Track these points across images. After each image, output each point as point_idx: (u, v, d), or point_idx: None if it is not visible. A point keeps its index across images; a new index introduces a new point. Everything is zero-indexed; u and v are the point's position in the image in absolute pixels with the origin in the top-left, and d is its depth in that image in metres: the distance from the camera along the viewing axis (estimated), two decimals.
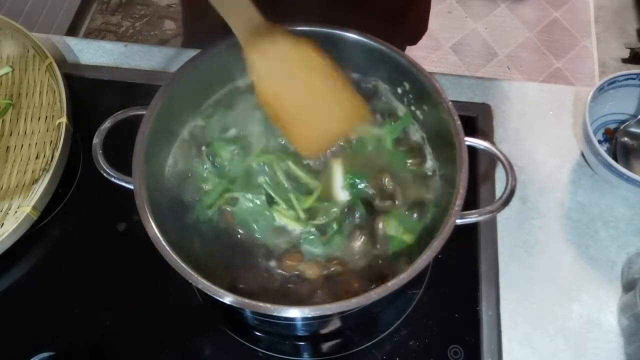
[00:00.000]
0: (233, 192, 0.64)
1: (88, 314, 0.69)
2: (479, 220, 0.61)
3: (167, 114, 0.65)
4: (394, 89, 0.73)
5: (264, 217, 0.63)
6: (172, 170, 0.67)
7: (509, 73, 2.21)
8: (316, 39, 0.71)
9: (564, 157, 0.81)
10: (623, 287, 0.71)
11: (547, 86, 0.89)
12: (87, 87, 0.87)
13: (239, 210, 0.64)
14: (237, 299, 0.51)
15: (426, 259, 0.53)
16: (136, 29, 2.37)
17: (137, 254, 0.67)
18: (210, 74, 0.71)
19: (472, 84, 0.88)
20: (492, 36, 2.29)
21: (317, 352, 0.68)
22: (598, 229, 0.75)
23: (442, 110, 0.63)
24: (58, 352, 0.66)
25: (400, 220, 0.63)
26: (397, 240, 0.63)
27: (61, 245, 0.75)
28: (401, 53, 0.67)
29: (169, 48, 0.93)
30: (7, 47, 0.87)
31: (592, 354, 0.67)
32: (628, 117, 0.81)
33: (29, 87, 0.83)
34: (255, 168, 0.66)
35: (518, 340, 0.68)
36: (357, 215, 0.64)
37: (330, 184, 0.66)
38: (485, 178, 0.78)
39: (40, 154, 0.77)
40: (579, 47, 2.28)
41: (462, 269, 0.72)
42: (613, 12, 2.38)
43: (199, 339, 0.68)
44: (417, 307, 0.70)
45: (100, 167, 0.62)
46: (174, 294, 0.70)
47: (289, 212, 0.64)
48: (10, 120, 0.81)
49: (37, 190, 0.71)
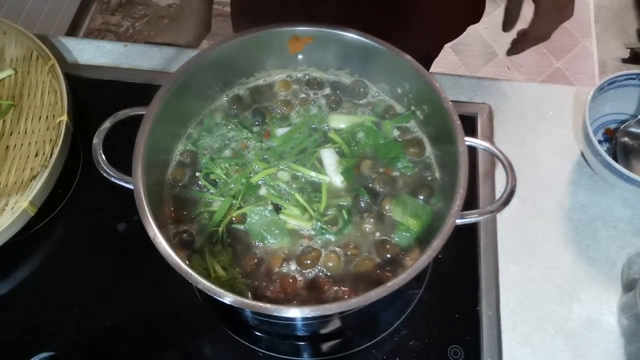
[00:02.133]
0: (240, 209, 0.65)
1: (88, 314, 0.69)
2: (479, 220, 0.61)
3: (167, 113, 0.65)
4: (394, 88, 0.73)
5: (275, 224, 0.64)
6: (172, 192, 0.68)
7: (509, 73, 2.21)
8: (316, 39, 0.71)
9: (564, 157, 0.81)
10: (623, 287, 0.71)
11: (547, 86, 0.89)
12: (87, 87, 0.87)
13: (250, 225, 0.64)
14: (237, 299, 0.51)
15: (426, 259, 0.53)
16: (136, 29, 2.37)
17: (137, 254, 0.67)
18: (210, 75, 0.71)
19: (472, 84, 0.88)
20: (492, 36, 2.29)
21: (317, 352, 0.68)
22: (598, 229, 0.75)
23: (442, 110, 0.63)
24: (58, 352, 0.66)
25: (404, 205, 0.64)
26: (404, 226, 0.64)
27: (61, 245, 0.75)
28: (401, 53, 0.67)
29: (169, 48, 0.93)
30: (11, 51, 0.88)
31: (592, 354, 0.67)
32: (628, 117, 0.81)
33: (31, 88, 0.84)
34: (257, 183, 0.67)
35: (518, 340, 0.68)
36: (362, 203, 0.66)
37: (324, 171, 0.68)
38: (485, 178, 0.78)
39: (40, 152, 0.77)
40: (579, 47, 2.28)
41: (462, 269, 0.72)
42: (613, 12, 2.38)
43: (199, 339, 0.68)
44: (417, 307, 0.70)
45: (100, 167, 0.62)
46: (174, 294, 0.70)
47: (299, 214, 0.65)
48: (11, 120, 0.81)
49: (35, 186, 0.71)
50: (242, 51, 0.71)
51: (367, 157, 0.70)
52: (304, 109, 0.74)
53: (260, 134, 0.72)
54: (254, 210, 0.64)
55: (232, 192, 0.67)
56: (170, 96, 0.65)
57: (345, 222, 0.64)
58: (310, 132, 0.71)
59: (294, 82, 0.77)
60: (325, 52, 0.73)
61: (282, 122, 0.73)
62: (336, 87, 0.76)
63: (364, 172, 0.68)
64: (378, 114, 0.74)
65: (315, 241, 0.64)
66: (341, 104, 0.75)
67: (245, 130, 0.71)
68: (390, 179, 0.68)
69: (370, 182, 0.68)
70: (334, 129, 0.72)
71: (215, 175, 0.68)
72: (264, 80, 0.77)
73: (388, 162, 0.69)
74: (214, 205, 0.66)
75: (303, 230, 0.65)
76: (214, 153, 0.70)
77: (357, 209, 0.66)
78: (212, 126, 0.72)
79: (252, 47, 0.71)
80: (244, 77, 0.75)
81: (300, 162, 0.68)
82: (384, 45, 0.68)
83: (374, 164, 0.69)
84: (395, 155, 0.69)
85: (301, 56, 0.74)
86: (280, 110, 0.74)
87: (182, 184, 0.68)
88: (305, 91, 0.76)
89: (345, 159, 0.68)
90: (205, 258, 0.62)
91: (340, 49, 0.72)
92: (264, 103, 0.75)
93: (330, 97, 0.75)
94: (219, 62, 0.70)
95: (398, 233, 0.64)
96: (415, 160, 0.70)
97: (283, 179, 0.67)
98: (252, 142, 0.71)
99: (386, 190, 0.67)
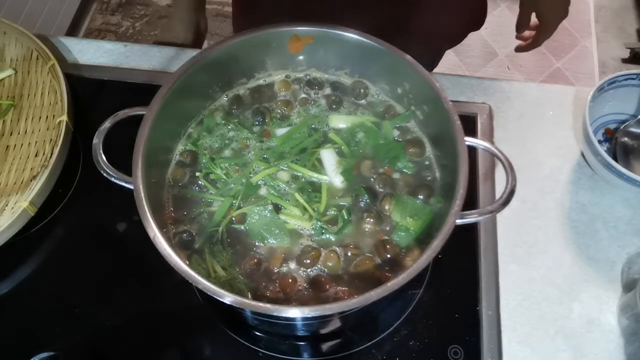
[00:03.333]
0: (240, 209, 0.65)
1: (88, 314, 0.69)
2: (479, 220, 0.61)
3: (167, 113, 0.65)
4: (394, 88, 0.73)
5: (275, 224, 0.64)
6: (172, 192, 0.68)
7: (509, 73, 2.21)
8: (317, 39, 0.71)
9: (564, 157, 0.81)
10: (623, 287, 0.71)
11: (547, 86, 0.89)
12: (87, 87, 0.87)
13: (250, 225, 0.64)
14: (237, 299, 0.51)
15: (426, 259, 0.53)
16: (136, 29, 2.37)
17: (137, 254, 0.67)
18: (210, 75, 0.71)
19: (472, 84, 0.88)
20: (492, 36, 2.29)
21: (317, 352, 0.68)
22: (598, 229, 0.75)
23: (442, 110, 0.63)
24: (58, 352, 0.66)
25: (403, 206, 0.65)
26: (403, 227, 0.64)
27: (61, 245, 0.75)
28: (401, 53, 0.67)
29: (169, 48, 0.93)
30: (12, 51, 0.88)
31: (592, 354, 0.67)
32: (628, 117, 0.81)
33: (31, 88, 0.84)
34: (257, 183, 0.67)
35: (518, 340, 0.68)
36: (362, 203, 0.66)
37: (324, 171, 0.68)
38: (485, 178, 0.78)
39: (40, 152, 0.77)
40: (579, 47, 2.28)
41: (462, 269, 0.72)
42: (613, 12, 2.37)
43: (199, 339, 0.68)
44: (417, 307, 0.70)
45: (100, 167, 0.62)
46: (174, 294, 0.70)
47: (299, 214, 0.65)
48: (11, 121, 0.81)
49: (35, 186, 0.71)
50: (242, 51, 0.71)
51: (367, 157, 0.70)
52: (304, 109, 0.74)
53: (260, 134, 0.72)
54: (254, 210, 0.64)
55: (232, 192, 0.67)
56: (170, 96, 0.65)
57: (345, 222, 0.64)
58: (310, 132, 0.72)
59: (294, 82, 0.77)
60: (326, 52, 0.73)
61: (282, 122, 0.73)
62: (336, 87, 0.76)
63: (364, 173, 0.68)
64: (378, 114, 0.74)
65: (315, 241, 0.64)
66: (341, 104, 0.75)
67: (245, 130, 0.71)
68: (390, 179, 0.68)
69: (370, 182, 0.68)
70: (334, 129, 0.72)
71: (215, 175, 0.68)
72: (264, 80, 0.77)
73: (388, 162, 0.69)
74: (214, 205, 0.66)
75: (303, 230, 0.65)
76: (214, 153, 0.70)
77: (357, 209, 0.66)
78: (212, 126, 0.72)
79: (252, 47, 0.71)
80: (244, 77, 0.75)
81: (300, 162, 0.68)
82: (384, 45, 0.68)
83: (373, 164, 0.69)
84: (395, 155, 0.69)
85: (301, 56, 0.74)
86: (280, 110, 0.74)
87: (182, 184, 0.68)
88: (305, 91, 0.76)
89: (345, 159, 0.68)
90: (205, 258, 0.62)
91: (341, 49, 0.72)
92: (264, 103, 0.75)
93: (331, 97, 0.75)
94: (219, 62, 0.70)
95: (397, 233, 0.64)
96: (415, 160, 0.70)
97: (283, 179, 0.67)
98: (252, 142, 0.71)
99: (386, 190, 0.67)
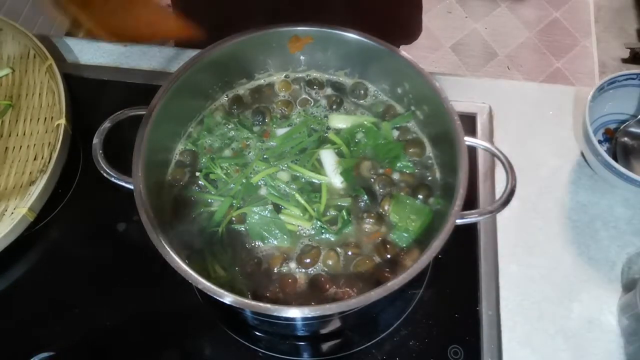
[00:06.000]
0: (240, 209, 0.65)
1: (88, 314, 0.69)
2: (479, 220, 0.61)
3: (167, 113, 0.65)
4: (394, 89, 0.73)
5: (275, 224, 0.64)
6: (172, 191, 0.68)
7: (509, 73, 2.21)
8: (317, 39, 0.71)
9: (564, 157, 0.81)
10: (623, 287, 0.71)
11: (547, 86, 0.89)
12: (87, 87, 0.87)
13: (250, 225, 0.64)
14: (237, 299, 0.51)
15: (426, 259, 0.53)
16: None
17: (137, 254, 0.67)
18: (210, 75, 0.71)
19: (472, 84, 0.88)
20: (492, 36, 2.29)
21: (317, 352, 0.68)
22: (598, 229, 0.75)
23: (442, 110, 0.63)
24: (58, 352, 0.66)
25: (402, 206, 0.65)
26: (403, 227, 0.64)
27: (61, 245, 0.75)
28: (401, 53, 0.67)
29: (168, 48, 0.93)
30: (8, 48, 0.87)
31: (592, 354, 0.67)
32: (628, 117, 0.81)
33: (29, 88, 0.83)
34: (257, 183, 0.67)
35: (518, 340, 0.68)
36: (361, 203, 0.66)
37: (323, 171, 0.68)
38: (485, 178, 0.78)
39: (39, 156, 0.76)
40: (579, 47, 2.28)
41: (462, 269, 0.72)
42: (613, 12, 2.38)
43: (199, 339, 0.68)
44: (417, 307, 0.70)
45: (100, 167, 0.62)
46: (174, 294, 0.69)
47: (299, 214, 0.65)
48: (10, 122, 0.81)
49: (34, 192, 0.71)
50: (242, 51, 0.71)
51: (367, 157, 0.70)
52: (304, 109, 0.74)
53: (260, 134, 0.72)
54: (254, 210, 0.64)
55: (232, 192, 0.67)
56: (170, 96, 0.65)
57: (345, 222, 0.65)
58: (310, 132, 0.72)
59: (294, 82, 0.77)
60: (326, 52, 0.73)
61: (282, 122, 0.73)
62: (336, 87, 0.76)
63: (364, 173, 0.68)
64: (378, 115, 0.74)
65: (315, 241, 0.64)
66: (341, 104, 0.75)
67: (245, 130, 0.71)
68: (389, 180, 0.68)
69: (370, 182, 0.68)
70: (334, 129, 0.72)
71: (215, 175, 0.68)
72: (264, 80, 0.77)
73: (388, 162, 0.69)
74: (214, 205, 0.66)
75: (303, 230, 0.65)
76: (214, 153, 0.70)
77: (357, 209, 0.66)
78: (212, 126, 0.72)
79: (252, 47, 0.71)
80: (244, 77, 0.76)
81: (300, 162, 0.68)
82: (385, 45, 0.68)
83: (373, 165, 0.69)
84: (395, 155, 0.69)
85: (302, 56, 0.74)
86: (281, 111, 0.74)
87: (182, 184, 0.68)
88: (305, 91, 0.76)
89: (344, 160, 0.68)
90: (205, 258, 0.62)
91: (341, 49, 0.72)
92: (264, 103, 0.75)
93: (331, 98, 0.75)
94: (219, 62, 0.70)
95: (397, 233, 0.64)
96: (415, 160, 0.70)
97: (283, 179, 0.67)
98: (252, 142, 0.71)
99: (385, 190, 0.67)
